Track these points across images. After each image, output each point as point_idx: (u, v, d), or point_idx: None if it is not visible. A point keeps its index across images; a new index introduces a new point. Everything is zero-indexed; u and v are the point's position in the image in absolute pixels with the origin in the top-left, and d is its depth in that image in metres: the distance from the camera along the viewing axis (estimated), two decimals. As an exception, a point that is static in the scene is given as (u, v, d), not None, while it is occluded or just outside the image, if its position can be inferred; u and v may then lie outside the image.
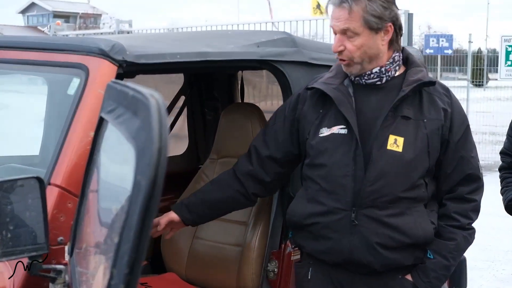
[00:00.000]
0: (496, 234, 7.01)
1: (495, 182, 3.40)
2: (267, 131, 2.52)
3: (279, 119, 2.49)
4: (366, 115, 2.30)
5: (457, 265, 2.39)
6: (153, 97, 1.24)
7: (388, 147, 2.24)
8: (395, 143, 2.24)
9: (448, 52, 13.42)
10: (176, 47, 2.54)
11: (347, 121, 2.27)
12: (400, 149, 2.24)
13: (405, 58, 2.38)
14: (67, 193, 2.06)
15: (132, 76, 2.61)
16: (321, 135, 2.32)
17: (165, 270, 3.22)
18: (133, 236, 1.17)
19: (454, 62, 16.47)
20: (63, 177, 2.06)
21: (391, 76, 2.33)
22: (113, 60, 2.23)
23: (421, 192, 2.29)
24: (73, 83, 2.26)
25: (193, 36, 2.97)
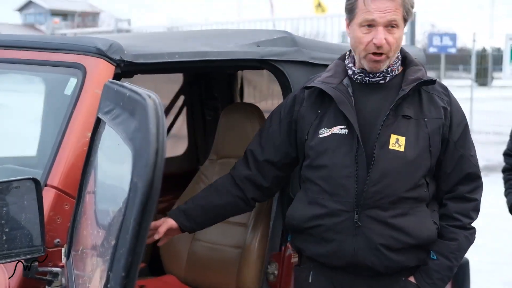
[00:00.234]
0: (501, 236, 6.95)
1: (500, 183, 3.37)
2: (262, 135, 2.48)
3: (274, 121, 2.45)
4: (365, 115, 2.27)
5: (460, 268, 2.38)
6: (150, 97, 1.23)
7: (390, 146, 2.22)
8: (397, 142, 2.22)
9: (452, 51, 13.41)
10: (175, 46, 2.51)
11: (347, 121, 2.24)
12: (402, 149, 2.22)
13: (403, 57, 2.35)
14: (64, 194, 2.04)
15: (130, 76, 2.58)
16: (320, 136, 2.30)
17: (163, 273, 3.19)
18: (130, 238, 1.16)
19: (458, 61, 16.48)
20: (60, 178, 2.05)
21: (393, 75, 2.30)
22: (110, 59, 2.21)
23: (422, 192, 2.27)
24: (70, 83, 2.24)
25: (192, 35, 2.95)
